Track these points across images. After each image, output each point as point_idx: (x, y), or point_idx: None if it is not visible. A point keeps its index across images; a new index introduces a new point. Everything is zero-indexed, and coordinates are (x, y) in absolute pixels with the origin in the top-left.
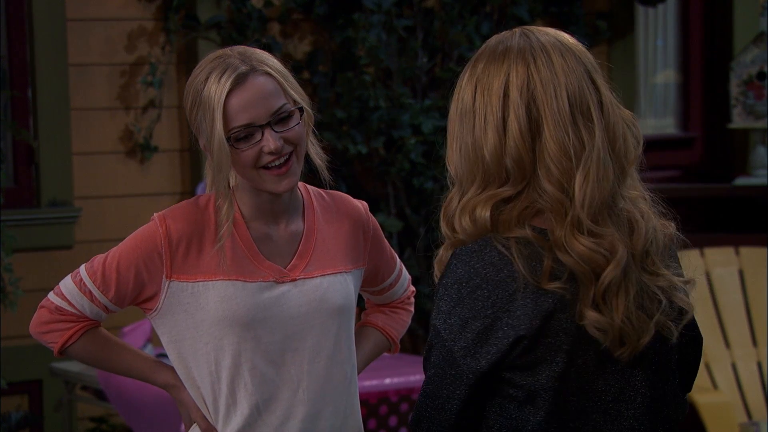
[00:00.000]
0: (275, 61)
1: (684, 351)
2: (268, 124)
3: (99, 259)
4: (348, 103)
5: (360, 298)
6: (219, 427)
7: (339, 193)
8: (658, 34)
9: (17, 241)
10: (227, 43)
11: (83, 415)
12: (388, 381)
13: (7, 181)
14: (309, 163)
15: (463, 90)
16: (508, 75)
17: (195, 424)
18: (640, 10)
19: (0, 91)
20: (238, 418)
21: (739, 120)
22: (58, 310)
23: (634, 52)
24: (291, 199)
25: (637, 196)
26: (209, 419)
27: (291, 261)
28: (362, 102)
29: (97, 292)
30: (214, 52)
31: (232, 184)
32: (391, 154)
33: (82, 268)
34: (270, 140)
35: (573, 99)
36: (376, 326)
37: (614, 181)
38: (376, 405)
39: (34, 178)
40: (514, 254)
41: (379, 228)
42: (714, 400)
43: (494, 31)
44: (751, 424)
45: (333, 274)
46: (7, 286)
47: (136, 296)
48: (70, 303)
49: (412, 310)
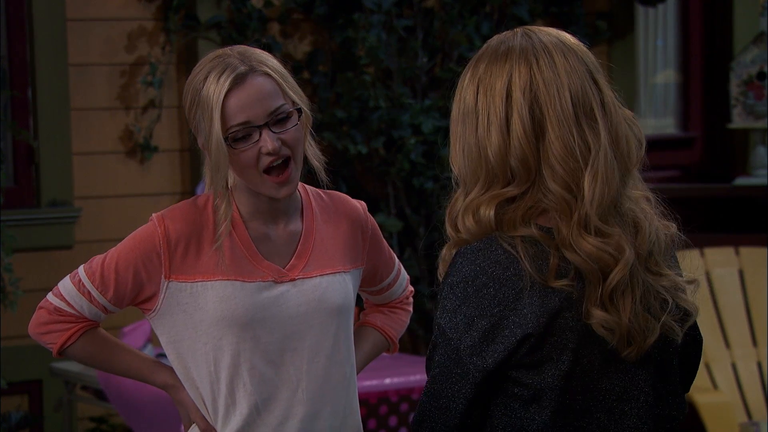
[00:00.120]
0: (275, 62)
1: (684, 351)
2: (266, 125)
3: (97, 259)
4: (348, 103)
5: (359, 298)
6: (218, 427)
7: (337, 193)
8: (658, 34)
9: (17, 241)
10: (227, 43)
11: (83, 415)
12: (388, 381)
13: (7, 181)
14: (307, 163)
15: (465, 91)
16: (511, 75)
17: (194, 425)
18: (640, 10)
19: (0, 91)
20: (237, 418)
21: (739, 120)
22: (57, 310)
23: (634, 52)
24: (289, 199)
25: (640, 197)
26: (208, 419)
27: (290, 261)
28: (362, 102)
29: (95, 293)
30: (215, 51)
31: (231, 184)
32: (391, 154)
33: (81, 269)
34: (268, 141)
35: (576, 99)
36: (375, 326)
37: (619, 181)
38: (376, 405)
39: (34, 178)
40: (520, 252)
41: (378, 228)
42: (714, 400)
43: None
44: (751, 424)
45: (332, 273)
46: (7, 286)
47: (134, 297)
48: (69, 304)
49: (411, 310)
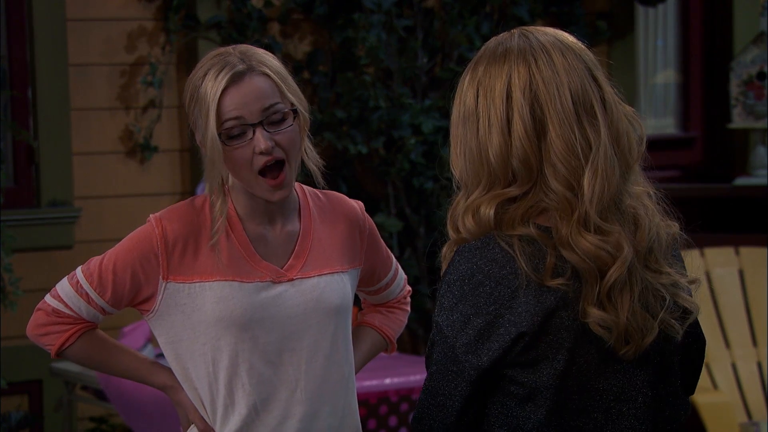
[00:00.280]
0: (276, 63)
1: (686, 352)
2: (260, 123)
3: (95, 261)
4: (348, 103)
5: (357, 298)
6: (217, 428)
7: (335, 193)
8: (658, 34)
9: (17, 241)
10: (227, 43)
11: (83, 415)
12: (388, 381)
13: (7, 181)
14: (305, 165)
15: (465, 93)
16: (510, 76)
17: (193, 425)
18: (640, 10)
19: (0, 91)
20: (235, 419)
21: (739, 120)
22: (55, 312)
23: (634, 52)
24: (287, 200)
25: (642, 192)
26: (207, 420)
27: (287, 261)
28: (362, 102)
29: (93, 294)
30: (217, 49)
31: (229, 184)
32: (391, 154)
33: (79, 271)
34: (261, 140)
35: (576, 97)
36: (373, 326)
37: (620, 177)
38: (376, 405)
39: (34, 178)
40: (517, 251)
41: (375, 227)
42: (714, 400)
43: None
44: (751, 424)
45: (330, 273)
46: (7, 286)
47: (132, 298)
48: (67, 305)
49: (409, 309)
